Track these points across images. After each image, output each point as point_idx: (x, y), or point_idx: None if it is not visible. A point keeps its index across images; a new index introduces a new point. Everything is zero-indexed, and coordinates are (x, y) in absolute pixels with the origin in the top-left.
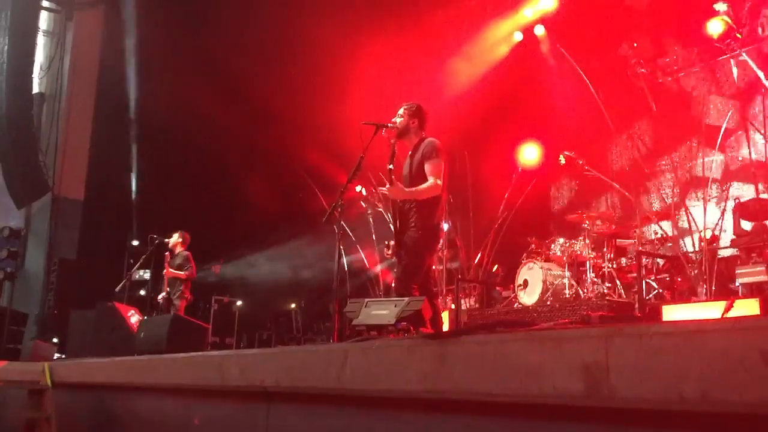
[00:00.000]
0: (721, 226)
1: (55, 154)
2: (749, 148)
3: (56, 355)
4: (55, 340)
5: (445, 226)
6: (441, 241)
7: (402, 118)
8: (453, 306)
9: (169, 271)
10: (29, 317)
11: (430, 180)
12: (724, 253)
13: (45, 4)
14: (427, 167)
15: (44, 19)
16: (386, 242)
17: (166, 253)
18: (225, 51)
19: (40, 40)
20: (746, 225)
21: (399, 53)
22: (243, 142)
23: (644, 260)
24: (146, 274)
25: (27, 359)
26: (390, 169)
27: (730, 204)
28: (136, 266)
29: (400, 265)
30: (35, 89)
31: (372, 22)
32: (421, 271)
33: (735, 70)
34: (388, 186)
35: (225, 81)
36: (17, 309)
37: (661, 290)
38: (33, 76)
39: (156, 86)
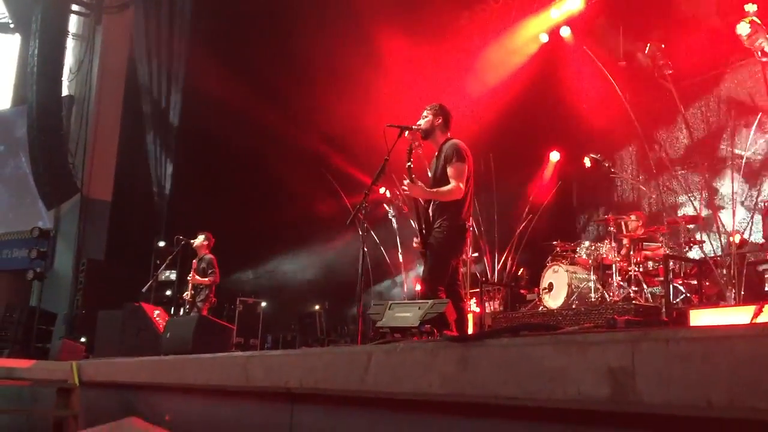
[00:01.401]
0: (751, 230)
1: (84, 156)
2: None
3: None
4: (83, 339)
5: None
6: (467, 242)
7: (426, 119)
8: (477, 309)
9: (195, 278)
10: (58, 317)
11: (452, 183)
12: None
13: (74, 8)
14: (450, 170)
15: (74, 23)
16: (416, 236)
17: (194, 261)
18: (254, 53)
19: (70, 44)
20: None
21: (425, 57)
22: (269, 144)
23: (671, 264)
24: (172, 275)
25: (55, 358)
26: (409, 166)
27: (760, 207)
28: (163, 267)
29: (426, 266)
30: (65, 92)
31: (398, 26)
32: (447, 273)
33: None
34: (408, 183)
35: (255, 83)
36: (46, 309)
37: (688, 294)
38: (63, 79)
39: (184, 89)
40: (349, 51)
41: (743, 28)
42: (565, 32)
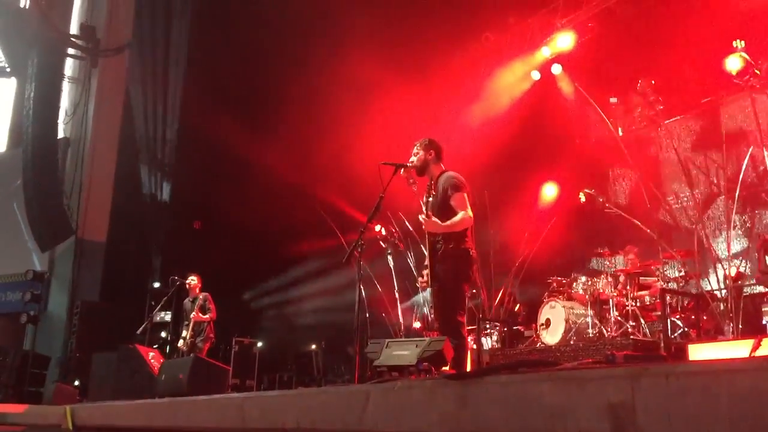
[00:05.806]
0: (747, 263)
1: (79, 198)
2: None
3: None
4: (77, 382)
5: None
6: (474, 268)
7: (417, 155)
8: (474, 346)
9: (198, 316)
10: (51, 360)
11: (461, 213)
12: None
13: (70, 51)
14: (453, 202)
15: (69, 66)
16: (421, 272)
17: (187, 301)
18: (248, 91)
19: (66, 87)
20: None
21: (419, 96)
22: (266, 186)
23: (668, 298)
24: (167, 316)
25: (49, 402)
26: (426, 202)
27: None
28: (158, 308)
29: (440, 299)
30: (60, 134)
31: (391, 66)
32: (464, 300)
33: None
34: (424, 218)
35: (249, 121)
36: (40, 352)
37: (686, 329)
38: (59, 121)
39: (179, 129)
40: (342, 89)
41: (733, 63)
42: (557, 70)
